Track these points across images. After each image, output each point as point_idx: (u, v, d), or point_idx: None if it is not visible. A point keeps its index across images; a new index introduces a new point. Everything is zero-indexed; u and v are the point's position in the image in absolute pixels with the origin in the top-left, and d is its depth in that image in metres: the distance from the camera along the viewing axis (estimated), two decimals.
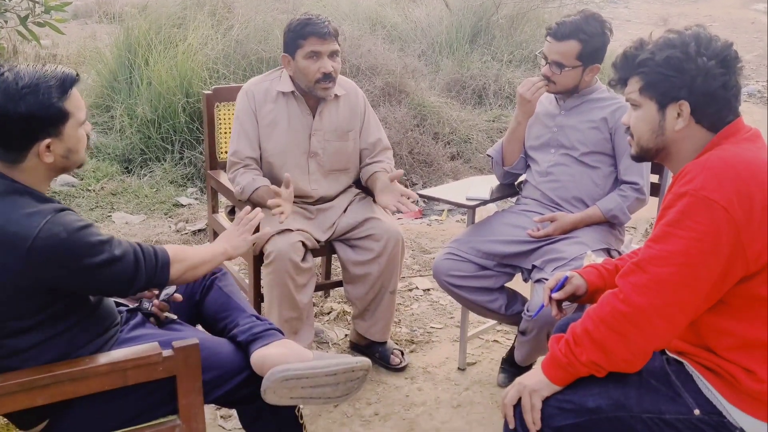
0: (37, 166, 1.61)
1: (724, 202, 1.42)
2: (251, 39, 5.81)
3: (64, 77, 1.59)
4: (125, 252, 1.63)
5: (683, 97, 1.55)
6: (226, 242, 1.95)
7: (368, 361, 1.87)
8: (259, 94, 2.71)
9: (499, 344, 3.08)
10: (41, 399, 1.54)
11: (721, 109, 1.56)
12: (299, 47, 2.61)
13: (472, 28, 7.61)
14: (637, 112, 1.62)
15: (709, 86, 1.53)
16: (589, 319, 1.53)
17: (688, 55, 1.53)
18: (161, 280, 1.73)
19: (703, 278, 1.44)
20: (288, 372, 1.76)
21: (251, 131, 2.70)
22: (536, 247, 2.49)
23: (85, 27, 8.35)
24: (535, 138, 2.68)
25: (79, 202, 4.53)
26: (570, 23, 2.46)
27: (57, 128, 1.59)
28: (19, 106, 1.52)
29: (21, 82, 1.54)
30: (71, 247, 1.53)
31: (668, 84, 1.55)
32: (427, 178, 5.26)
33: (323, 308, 3.33)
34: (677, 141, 1.59)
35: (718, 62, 1.53)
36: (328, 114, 2.74)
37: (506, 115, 6.26)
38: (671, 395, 1.54)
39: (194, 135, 5.09)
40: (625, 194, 2.53)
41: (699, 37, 1.55)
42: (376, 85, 5.62)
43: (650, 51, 1.58)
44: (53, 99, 1.56)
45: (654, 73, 1.56)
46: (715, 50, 1.54)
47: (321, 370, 1.79)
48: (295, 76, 2.68)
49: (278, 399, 1.79)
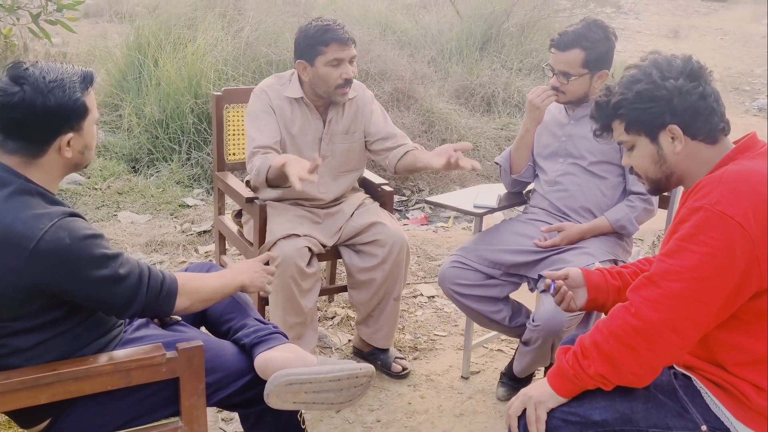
0: (55, 162, 1.61)
1: (739, 217, 1.41)
2: (261, 41, 5.82)
3: (85, 74, 1.63)
4: (129, 273, 1.60)
5: (669, 121, 1.56)
6: (246, 276, 1.89)
7: (372, 368, 1.86)
8: (274, 94, 2.69)
9: (503, 353, 3.06)
10: (44, 397, 1.54)
11: (708, 118, 1.57)
12: (320, 54, 2.57)
13: (482, 36, 7.62)
14: (633, 152, 1.65)
15: (687, 102, 1.55)
16: (598, 331, 1.51)
17: (654, 84, 1.56)
18: (163, 310, 1.69)
19: (716, 293, 1.42)
20: (291, 376, 1.75)
21: (272, 122, 2.65)
22: (543, 257, 2.48)
23: (96, 26, 8.39)
24: (544, 147, 2.67)
25: (86, 200, 4.54)
26: (572, 32, 2.46)
27: (79, 123, 1.61)
28: (48, 99, 1.54)
29: (48, 76, 1.56)
30: (72, 255, 1.52)
31: (649, 116, 1.57)
32: (434, 184, 5.26)
33: (327, 313, 3.32)
34: (681, 162, 1.60)
35: (685, 78, 1.55)
36: (336, 117, 2.73)
37: (515, 124, 6.26)
38: (679, 410, 1.53)
39: (202, 136, 5.09)
40: (633, 204, 2.51)
41: (657, 63, 1.59)
42: (385, 91, 5.63)
43: (619, 93, 1.61)
44: (78, 94, 1.59)
45: (631, 111, 1.59)
46: (678, 68, 1.57)
47: (325, 375, 1.78)
48: (312, 82, 2.64)
49: (281, 403, 1.78)
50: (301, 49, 2.62)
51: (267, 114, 2.67)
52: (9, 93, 1.53)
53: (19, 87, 1.53)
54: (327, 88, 2.62)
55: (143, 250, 3.92)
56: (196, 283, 1.76)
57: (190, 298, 1.72)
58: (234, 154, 3.12)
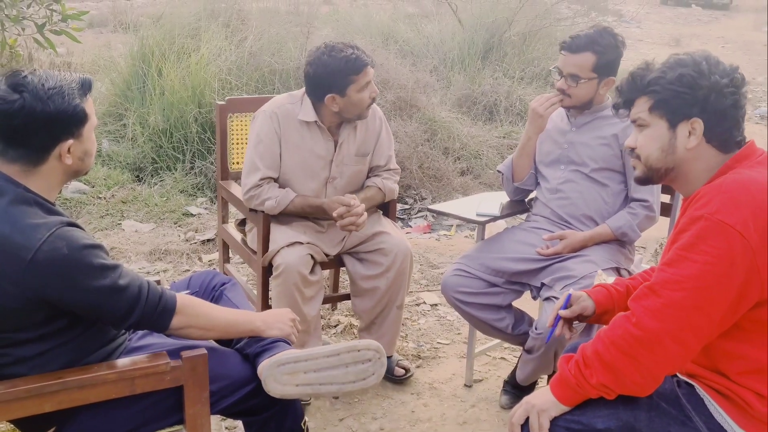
0: (55, 170, 1.61)
1: (739, 226, 1.40)
2: (264, 51, 5.84)
3: (83, 80, 1.63)
4: (128, 285, 1.60)
5: (696, 114, 1.54)
6: (266, 319, 1.85)
7: (375, 343, 1.84)
8: (284, 117, 2.65)
9: (506, 361, 3.06)
10: (49, 406, 1.54)
11: (731, 128, 1.56)
12: (352, 83, 2.53)
13: (484, 45, 7.64)
14: (645, 132, 1.61)
15: (721, 104, 1.53)
16: (600, 341, 1.51)
17: (701, 73, 1.54)
18: (159, 325, 1.68)
19: (717, 303, 1.42)
20: (283, 356, 1.74)
21: (274, 154, 2.64)
22: (545, 265, 2.49)
23: (100, 36, 8.43)
24: (546, 154, 2.68)
25: (90, 209, 4.55)
26: (584, 36, 2.48)
27: (79, 129, 1.61)
28: (48, 105, 1.54)
29: (47, 84, 1.56)
30: (70, 265, 1.51)
31: (681, 101, 1.55)
32: (437, 192, 5.26)
33: (330, 321, 3.33)
34: (688, 161, 1.58)
35: (729, 81, 1.54)
36: (348, 140, 2.72)
37: (517, 132, 6.27)
38: (682, 419, 1.53)
39: (205, 145, 5.11)
40: (634, 212, 2.52)
41: (709, 58, 1.57)
42: (388, 100, 5.64)
43: (660, 70, 1.58)
44: (77, 100, 1.59)
45: (666, 90, 1.56)
46: (725, 70, 1.55)
47: (320, 351, 1.76)
48: (343, 110, 2.59)
49: (282, 387, 1.75)
50: (328, 84, 2.55)
51: (271, 142, 2.64)
52: (8, 101, 1.53)
53: (18, 95, 1.53)
54: (359, 111, 2.61)
55: (147, 258, 3.94)
56: (199, 308, 1.74)
57: (187, 320, 1.70)
58: (237, 163, 3.13)
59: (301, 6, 7.44)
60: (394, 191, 2.84)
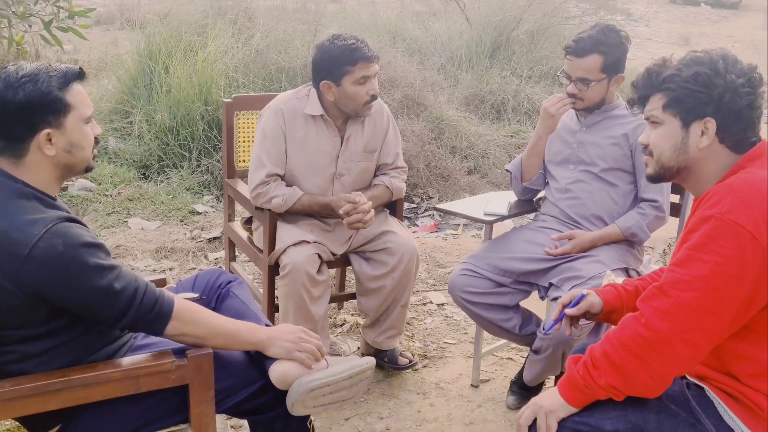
0: (41, 162, 1.58)
1: (750, 226, 1.39)
2: (271, 48, 5.84)
3: (66, 70, 1.60)
4: (123, 288, 1.57)
5: (709, 114, 1.53)
6: (271, 333, 1.80)
7: (373, 360, 1.89)
8: (289, 113, 2.64)
9: (513, 362, 3.04)
10: (54, 404, 1.54)
11: (745, 128, 1.54)
12: (347, 73, 2.53)
13: (492, 43, 7.62)
14: (657, 130, 1.59)
15: (736, 104, 1.51)
16: (608, 342, 1.50)
17: (716, 72, 1.52)
18: (154, 328, 1.65)
19: (727, 304, 1.41)
20: (313, 383, 1.76)
21: (280, 150, 2.64)
22: (554, 265, 2.47)
23: (107, 33, 8.44)
24: (555, 154, 2.67)
25: (96, 206, 4.56)
26: (588, 38, 2.45)
27: (57, 118, 1.57)
28: (18, 93, 1.53)
29: (21, 72, 1.55)
30: (65, 262, 1.50)
31: (695, 100, 1.53)
32: (444, 192, 5.25)
33: (336, 320, 3.32)
34: (700, 160, 1.57)
35: (746, 81, 1.52)
36: (355, 135, 2.70)
37: (524, 131, 6.25)
38: (691, 421, 1.51)
39: (212, 143, 5.11)
40: (644, 212, 2.50)
41: (726, 56, 1.54)
42: (395, 98, 5.63)
43: (676, 68, 1.56)
44: (52, 88, 1.56)
45: (680, 89, 1.54)
46: (743, 69, 1.53)
47: (340, 376, 1.80)
48: (338, 101, 2.60)
49: (305, 410, 1.79)
50: (325, 70, 2.56)
51: (277, 138, 2.63)
52: None
53: None
54: (355, 106, 2.60)
55: (153, 256, 3.93)
56: (199, 316, 1.70)
57: (184, 326, 1.66)
58: (244, 161, 3.12)
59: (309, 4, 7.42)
60: (401, 190, 2.83)
